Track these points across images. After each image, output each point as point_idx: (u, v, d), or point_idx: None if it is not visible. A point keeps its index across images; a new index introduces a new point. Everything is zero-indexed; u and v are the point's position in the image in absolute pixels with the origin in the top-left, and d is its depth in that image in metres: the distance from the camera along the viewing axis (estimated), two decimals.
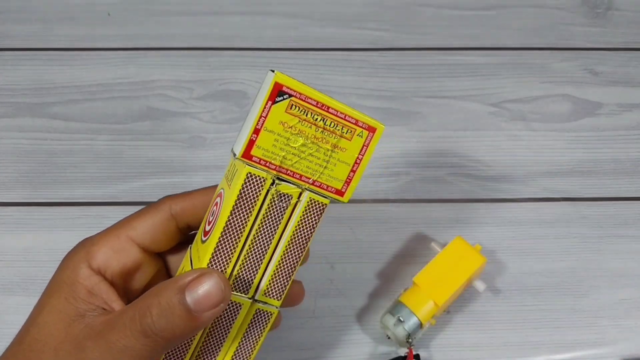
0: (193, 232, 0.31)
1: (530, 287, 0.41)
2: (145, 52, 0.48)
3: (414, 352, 0.36)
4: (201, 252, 0.27)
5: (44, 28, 0.49)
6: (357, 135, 0.27)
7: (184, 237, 0.31)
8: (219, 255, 0.26)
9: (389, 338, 0.37)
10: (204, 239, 0.27)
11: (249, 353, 0.29)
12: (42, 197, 0.43)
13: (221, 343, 0.28)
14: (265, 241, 0.27)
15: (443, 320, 0.40)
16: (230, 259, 0.26)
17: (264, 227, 0.26)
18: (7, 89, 0.47)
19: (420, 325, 0.36)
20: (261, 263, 0.27)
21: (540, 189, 0.44)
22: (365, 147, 0.27)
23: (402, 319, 0.36)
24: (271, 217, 0.26)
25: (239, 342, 0.29)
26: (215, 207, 0.27)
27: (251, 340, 0.29)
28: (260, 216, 0.26)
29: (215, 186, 0.30)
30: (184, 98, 0.47)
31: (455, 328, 0.40)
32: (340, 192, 0.27)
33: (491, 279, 0.41)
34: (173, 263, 0.32)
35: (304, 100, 0.25)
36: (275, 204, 0.26)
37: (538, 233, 0.43)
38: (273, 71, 0.25)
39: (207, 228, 0.27)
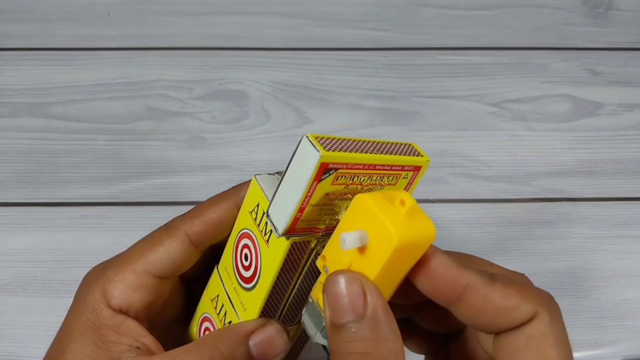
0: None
1: None
2: (145, 52, 0.48)
3: None
4: (245, 301, 0.26)
5: (44, 28, 0.49)
6: (403, 178, 0.24)
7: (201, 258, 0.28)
8: (268, 310, 0.26)
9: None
10: (245, 285, 0.26)
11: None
12: (42, 197, 0.43)
13: None
14: (309, 284, 0.26)
15: None
16: (277, 310, 0.26)
17: (309, 274, 0.25)
18: (7, 89, 0.47)
19: None
20: (304, 301, 0.26)
21: (540, 189, 0.44)
22: (409, 185, 0.25)
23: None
24: (314, 266, 0.25)
25: None
26: (248, 251, 0.26)
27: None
28: (306, 268, 0.25)
29: (223, 194, 0.27)
30: (183, 98, 0.47)
31: None
32: None
33: None
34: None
35: (351, 168, 0.22)
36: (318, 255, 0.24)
37: (538, 233, 0.43)
38: (309, 139, 0.21)
39: (245, 274, 0.26)
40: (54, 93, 0.46)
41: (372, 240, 0.21)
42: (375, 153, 0.23)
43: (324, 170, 0.22)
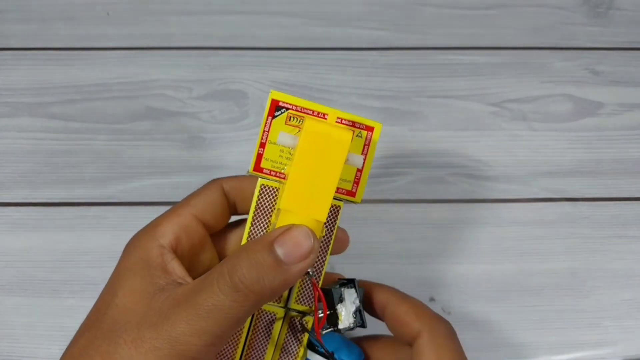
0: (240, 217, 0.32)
1: (531, 288, 0.41)
2: (144, 51, 0.48)
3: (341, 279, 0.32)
4: None
5: (43, 28, 0.49)
6: (357, 136, 0.28)
7: (230, 217, 0.31)
8: None
9: None
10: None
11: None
12: (41, 197, 0.43)
13: (262, 356, 0.29)
14: None
15: None
16: None
17: None
18: (6, 88, 0.46)
19: None
20: None
21: (540, 189, 0.44)
22: (366, 147, 0.28)
23: None
24: None
25: (280, 353, 0.29)
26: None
27: (292, 350, 0.29)
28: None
29: None
30: (183, 98, 0.47)
31: (456, 328, 0.40)
32: (351, 193, 0.29)
33: (492, 279, 0.41)
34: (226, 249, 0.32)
35: (301, 111, 0.27)
36: None
37: (539, 233, 0.43)
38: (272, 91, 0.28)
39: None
40: (53, 93, 0.46)
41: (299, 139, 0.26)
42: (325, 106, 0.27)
43: (275, 106, 0.27)
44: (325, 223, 0.28)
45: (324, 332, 0.29)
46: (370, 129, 0.28)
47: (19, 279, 0.41)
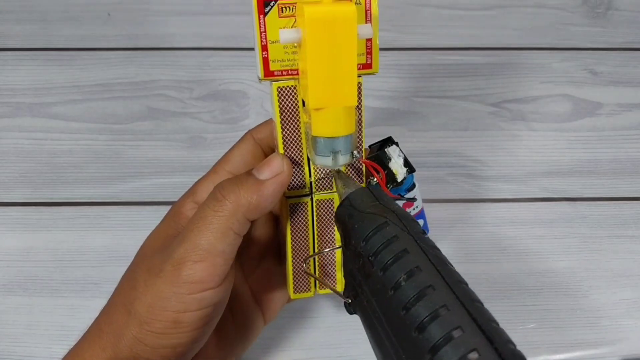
0: None
1: (530, 287, 0.41)
2: (145, 52, 0.48)
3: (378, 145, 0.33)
4: None
5: (44, 28, 0.49)
6: (356, 3, 0.27)
7: None
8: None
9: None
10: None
11: None
12: (42, 197, 0.43)
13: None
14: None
15: None
16: (302, 164, 0.29)
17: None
18: (7, 88, 0.47)
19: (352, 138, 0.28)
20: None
21: (540, 189, 0.44)
22: (368, 12, 0.28)
23: (336, 150, 0.27)
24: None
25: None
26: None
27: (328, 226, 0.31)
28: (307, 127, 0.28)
29: None
30: (184, 98, 0.47)
31: None
32: (367, 66, 0.29)
33: (491, 278, 0.41)
34: None
35: None
36: None
37: (538, 233, 0.43)
38: None
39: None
40: (54, 93, 0.47)
41: (303, 31, 0.24)
42: None
43: (262, 4, 0.25)
44: None
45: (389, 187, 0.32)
46: None
47: (20, 279, 0.41)
